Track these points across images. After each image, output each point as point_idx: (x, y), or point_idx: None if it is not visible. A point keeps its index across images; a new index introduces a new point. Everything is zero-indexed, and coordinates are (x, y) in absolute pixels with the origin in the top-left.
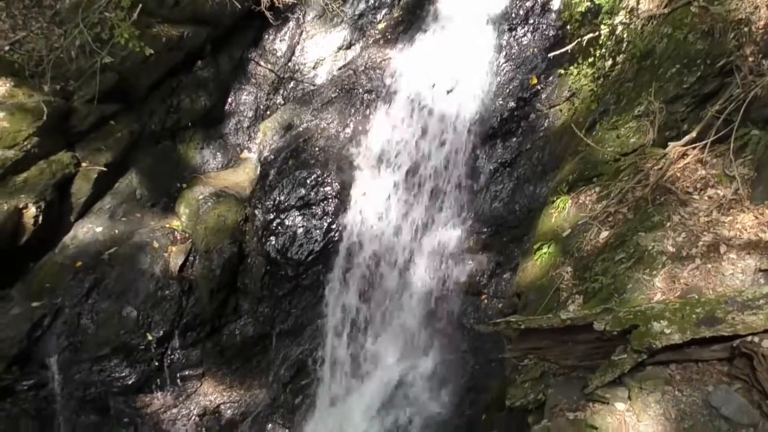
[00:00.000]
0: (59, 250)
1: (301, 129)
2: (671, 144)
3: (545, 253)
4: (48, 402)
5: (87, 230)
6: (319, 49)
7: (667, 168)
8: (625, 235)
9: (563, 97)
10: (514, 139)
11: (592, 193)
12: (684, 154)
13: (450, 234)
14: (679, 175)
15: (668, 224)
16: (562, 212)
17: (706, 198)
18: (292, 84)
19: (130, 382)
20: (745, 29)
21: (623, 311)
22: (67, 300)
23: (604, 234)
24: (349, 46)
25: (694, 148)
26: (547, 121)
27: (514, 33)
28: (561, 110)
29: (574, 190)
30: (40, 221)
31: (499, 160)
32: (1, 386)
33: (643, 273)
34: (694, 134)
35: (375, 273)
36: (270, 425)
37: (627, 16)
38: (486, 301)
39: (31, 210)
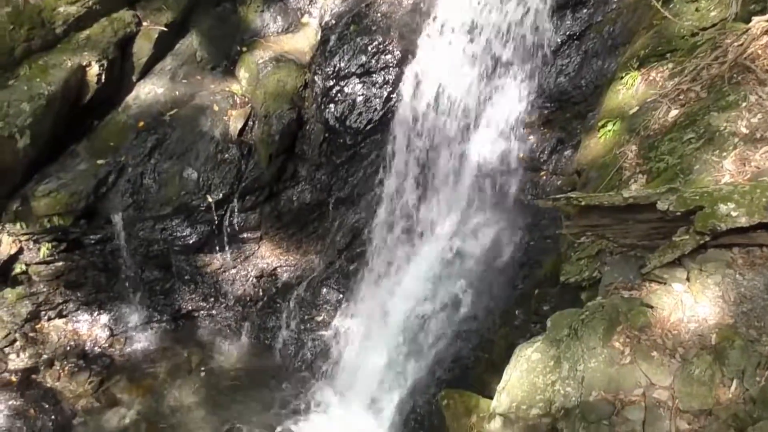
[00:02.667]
0: (122, 109)
1: None
2: (755, 18)
3: (609, 131)
4: (114, 256)
5: (149, 91)
6: None
7: (748, 44)
8: (696, 114)
9: None
10: (585, 11)
11: (664, 70)
12: None
13: (511, 107)
14: (760, 52)
15: (744, 104)
16: (630, 89)
17: None
18: None
19: (190, 242)
20: None
21: (689, 192)
22: (130, 159)
23: (674, 113)
24: None
25: None
26: None
27: None
28: None
29: (644, 65)
30: (102, 80)
31: (568, 33)
32: (70, 239)
33: (713, 154)
34: None
35: (433, 144)
36: (325, 289)
37: None
38: (545, 177)
39: (94, 68)
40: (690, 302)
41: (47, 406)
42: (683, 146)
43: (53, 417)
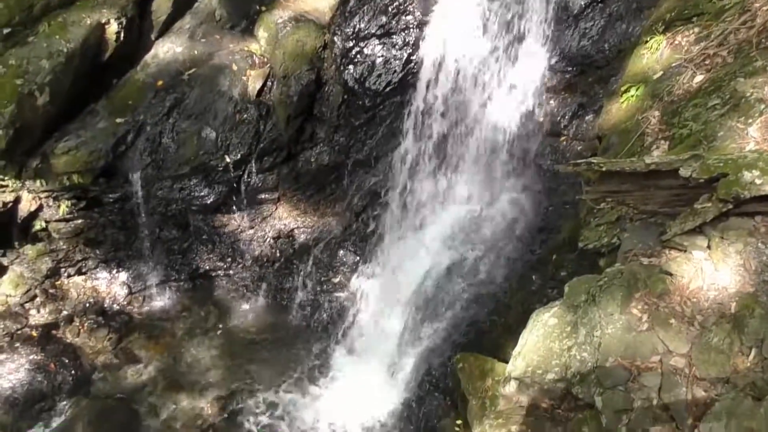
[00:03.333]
0: (141, 68)
1: None
2: None
3: (632, 96)
4: (132, 215)
5: (167, 49)
6: None
7: None
8: (722, 79)
9: None
10: None
11: (690, 34)
12: None
13: (533, 71)
14: None
15: None
16: (654, 53)
17: None
18: None
19: (208, 202)
20: None
21: (712, 158)
22: (148, 118)
23: (699, 78)
24: None
25: None
26: None
27: None
28: None
29: (670, 29)
30: (121, 38)
31: None
32: (89, 197)
33: (738, 120)
34: None
35: (452, 108)
36: (341, 251)
37: None
38: (565, 142)
39: (113, 26)
40: (710, 270)
41: (67, 361)
42: (708, 112)
43: (73, 372)
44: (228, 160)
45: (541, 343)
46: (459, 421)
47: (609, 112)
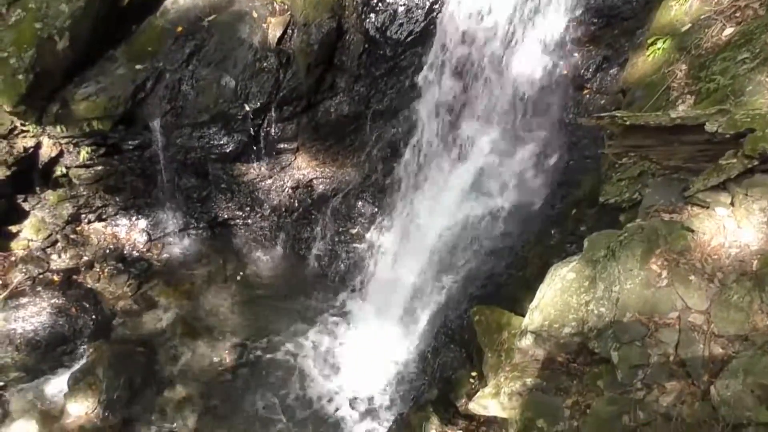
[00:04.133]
0: (160, 13)
1: None
2: None
3: (659, 49)
4: (151, 162)
5: None
6: None
7: None
8: (752, 33)
9: None
10: None
11: None
12: None
13: (557, 22)
14: None
15: None
16: (683, 4)
17: None
18: None
19: (227, 150)
20: None
21: (740, 113)
22: (168, 64)
23: (729, 31)
24: None
25: None
26: None
27: None
28: None
29: None
30: None
31: None
32: (109, 143)
33: (767, 75)
34: None
35: (475, 58)
36: (360, 203)
37: None
38: (588, 96)
39: None
40: (732, 227)
41: (88, 305)
42: (736, 66)
43: (94, 316)
44: (247, 108)
45: (559, 298)
46: (474, 373)
47: (634, 65)
